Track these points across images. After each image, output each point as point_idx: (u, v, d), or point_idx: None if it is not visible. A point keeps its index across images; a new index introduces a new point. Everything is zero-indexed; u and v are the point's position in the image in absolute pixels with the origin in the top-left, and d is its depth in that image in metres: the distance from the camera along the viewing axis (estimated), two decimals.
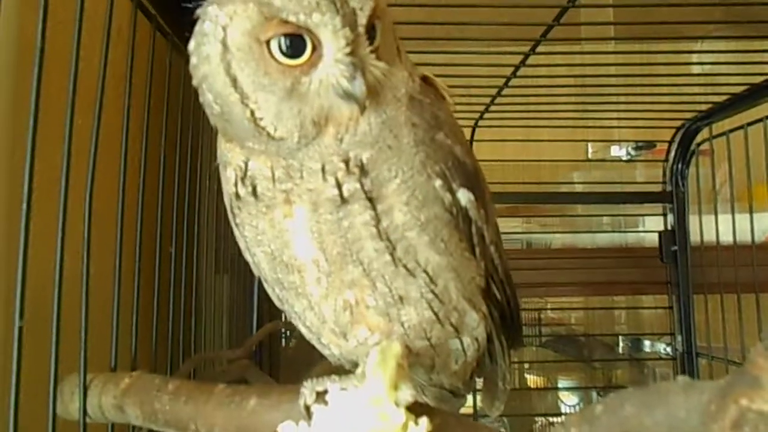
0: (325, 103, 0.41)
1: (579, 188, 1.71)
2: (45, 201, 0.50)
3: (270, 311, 1.22)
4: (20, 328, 0.47)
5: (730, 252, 1.26)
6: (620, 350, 1.66)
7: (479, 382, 0.61)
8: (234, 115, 0.41)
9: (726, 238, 1.31)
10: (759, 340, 0.32)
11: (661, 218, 1.47)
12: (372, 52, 0.41)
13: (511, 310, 0.51)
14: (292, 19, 0.38)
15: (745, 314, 1.26)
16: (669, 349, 1.47)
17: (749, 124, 1.20)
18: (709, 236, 1.33)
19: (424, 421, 0.39)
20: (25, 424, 0.50)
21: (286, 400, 0.47)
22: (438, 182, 0.43)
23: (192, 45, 0.42)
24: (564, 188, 1.74)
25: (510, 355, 0.55)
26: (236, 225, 0.46)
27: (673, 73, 1.19)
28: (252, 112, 0.41)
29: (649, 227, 1.55)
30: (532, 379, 1.87)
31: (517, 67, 1.11)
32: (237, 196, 0.44)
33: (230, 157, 0.44)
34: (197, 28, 0.42)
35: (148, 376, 0.55)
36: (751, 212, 1.27)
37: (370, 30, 0.41)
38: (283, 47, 0.40)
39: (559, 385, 1.79)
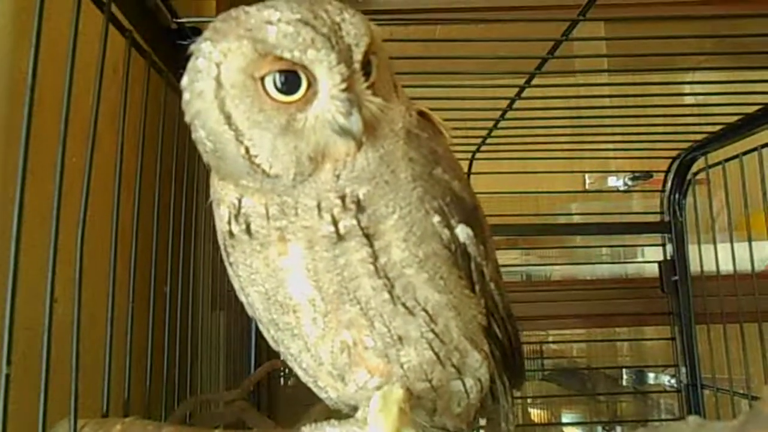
0: (321, 139, 0.40)
1: (577, 219, 1.70)
2: (35, 239, 0.49)
3: (268, 349, 1.19)
4: (7, 376, 0.45)
5: (731, 281, 1.25)
6: (624, 383, 1.63)
7: (482, 422, 0.59)
8: (228, 152, 0.40)
9: (726, 267, 1.31)
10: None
11: (660, 248, 1.46)
12: (368, 87, 0.40)
13: (513, 348, 0.50)
14: (287, 55, 0.38)
15: (748, 344, 1.25)
16: (673, 381, 1.45)
17: (744, 153, 1.20)
18: (709, 266, 1.33)
19: None
20: None
21: None
22: (436, 218, 0.43)
23: (185, 81, 0.42)
24: (562, 219, 1.73)
25: (512, 394, 0.53)
26: (230, 264, 0.45)
27: (667, 103, 1.20)
28: (247, 149, 0.40)
29: (649, 257, 1.54)
30: (536, 413, 1.84)
31: (512, 100, 1.11)
32: (230, 234, 0.43)
33: (223, 194, 0.44)
34: (190, 64, 0.41)
35: (140, 423, 0.54)
36: (749, 240, 1.26)
37: (366, 65, 0.40)
38: (278, 84, 0.39)
39: (563, 420, 1.76)
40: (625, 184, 1.65)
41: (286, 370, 1.15)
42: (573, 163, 1.52)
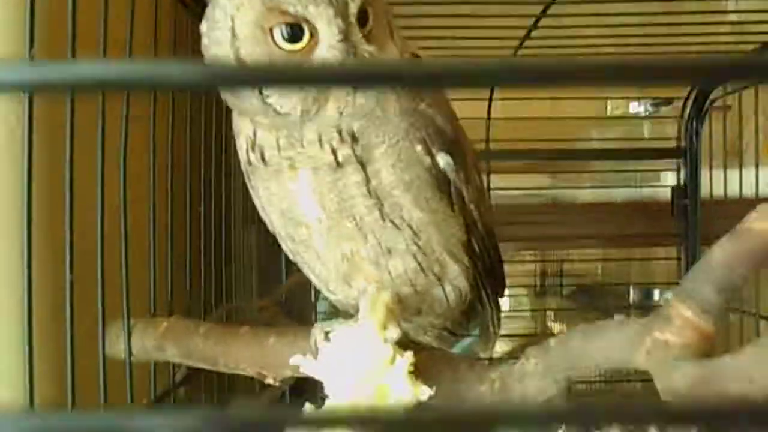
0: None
1: (598, 145, 1.74)
2: (85, 165, 0.57)
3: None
4: (71, 282, 0.55)
5: (739, 205, 1.29)
6: (631, 300, 1.72)
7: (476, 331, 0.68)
8: (243, 93, 0.48)
9: (736, 193, 1.34)
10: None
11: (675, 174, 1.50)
12: (364, 36, 0.47)
13: (492, 262, 0.58)
14: (291, 9, 0.45)
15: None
16: None
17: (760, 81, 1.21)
18: (720, 192, 1.37)
19: (408, 354, 0.46)
20: (82, 365, 0.58)
21: (300, 339, 0.55)
22: (419, 147, 0.50)
23: (204, 28, 0.49)
24: (584, 145, 1.77)
25: (498, 303, 0.62)
26: (252, 187, 0.54)
27: (686, 32, 1.20)
28: (260, 91, 0.47)
29: (664, 183, 1.59)
30: (557, 327, 1.95)
31: (535, 22, 1.10)
32: (249, 162, 0.52)
33: (242, 127, 0.52)
34: (208, 12, 0.48)
35: (182, 321, 0.64)
36: (756, 166, 1.30)
37: (362, 17, 0.47)
38: (285, 34, 0.46)
39: None
40: (647, 110, 1.67)
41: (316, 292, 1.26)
42: (595, 90, 1.54)
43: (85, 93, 0.53)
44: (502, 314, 0.63)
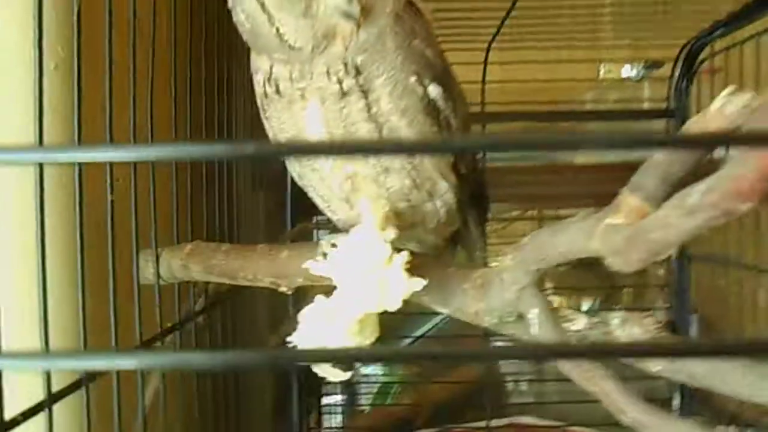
0: (330, 20, 0.54)
1: (591, 107, 1.80)
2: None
3: (300, 218, 1.39)
4: (112, 201, 0.63)
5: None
6: None
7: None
8: (262, 30, 0.55)
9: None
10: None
11: None
12: None
13: (476, 182, 0.66)
14: None
15: (737, 220, 1.38)
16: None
17: (743, 41, 1.27)
18: None
19: (404, 253, 0.54)
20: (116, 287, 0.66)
21: (309, 251, 0.62)
22: (413, 78, 0.57)
23: None
24: (577, 107, 1.83)
25: (483, 225, 0.70)
26: (266, 118, 0.61)
27: None
28: (277, 29, 0.55)
29: None
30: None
31: None
32: (265, 94, 0.59)
33: (259, 63, 0.59)
34: None
35: (204, 244, 0.72)
36: None
37: None
38: None
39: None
40: (638, 73, 1.74)
41: (315, 231, 1.34)
42: (588, 53, 1.60)
43: None
44: None
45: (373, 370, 1.92)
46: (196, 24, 0.86)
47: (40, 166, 0.49)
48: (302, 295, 0.76)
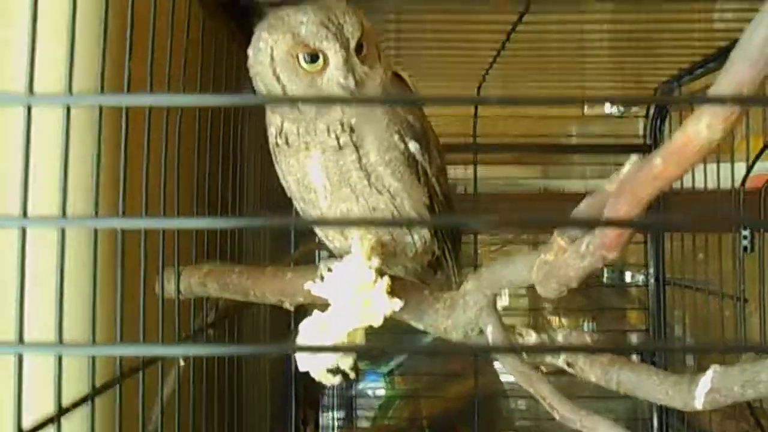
0: (331, 91, 0.68)
1: (576, 141, 1.94)
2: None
3: (305, 242, 1.51)
4: (145, 235, 0.75)
5: (697, 196, 1.47)
6: (605, 279, 1.93)
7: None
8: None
9: (699, 185, 1.52)
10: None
11: None
12: (359, 60, 0.68)
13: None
14: (311, 43, 0.67)
15: (710, 250, 1.50)
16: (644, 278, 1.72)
17: (708, 87, 1.39)
18: (677, 184, 1.55)
19: (386, 278, 0.66)
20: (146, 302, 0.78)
21: (309, 274, 0.75)
22: (396, 137, 0.71)
23: (250, 52, 0.70)
24: (564, 140, 1.97)
25: (457, 257, 0.83)
26: (277, 163, 0.74)
27: (653, 37, 1.37)
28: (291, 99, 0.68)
29: None
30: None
31: (512, 28, 1.22)
32: (277, 144, 0.72)
33: (272, 120, 0.73)
34: (254, 41, 0.69)
35: (220, 264, 0.85)
36: (717, 162, 1.49)
37: (359, 47, 0.68)
38: (306, 59, 0.68)
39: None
40: (619, 110, 1.87)
41: (319, 252, 1.46)
42: (573, 91, 1.73)
43: None
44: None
45: (373, 383, 2.04)
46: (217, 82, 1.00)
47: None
48: (302, 312, 0.89)
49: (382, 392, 2.03)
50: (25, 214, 0.43)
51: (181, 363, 0.90)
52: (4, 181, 0.76)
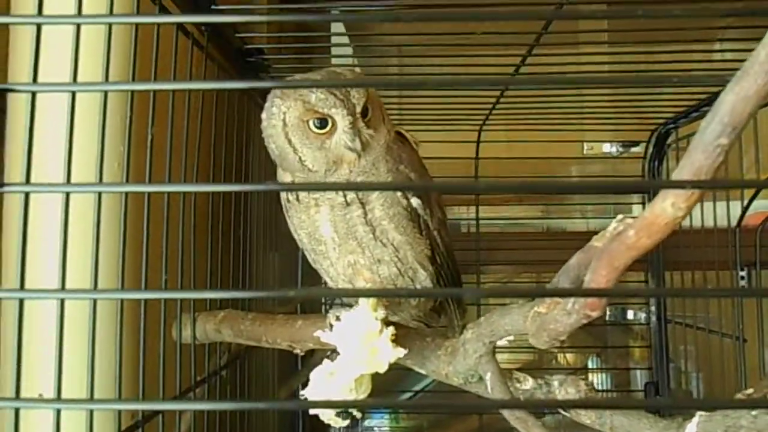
0: (339, 152, 0.73)
1: (576, 181, 1.99)
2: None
3: (311, 281, 1.56)
4: (165, 281, 0.80)
5: (695, 235, 1.51)
6: (607, 317, 1.96)
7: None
8: (288, 158, 0.74)
9: (697, 223, 1.56)
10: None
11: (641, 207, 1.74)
12: (365, 123, 0.73)
13: (451, 271, 0.83)
14: (320, 110, 0.72)
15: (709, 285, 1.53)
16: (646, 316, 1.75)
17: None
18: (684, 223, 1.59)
19: (391, 328, 0.71)
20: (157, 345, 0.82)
21: (319, 321, 0.80)
22: (399, 193, 0.76)
23: (264, 116, 0.75)
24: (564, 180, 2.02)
25: (459, 303, 0.87)
26: (288, 217, 0.79)
27: (651, 80, 1.41)
28: (300, 158, 0.74)
29: (636, 215, 1.82)
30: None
31: (515, 70, 1.21)
32: (288, 200, 0.77)
33: (283, 177, 0.78)
34: (267, 107, 0.75)
35: (234, 311, 0.89)
36: (714, 201, 1.53)
37: (364, 111, 0.73)
38: (316, 124, 0.73)
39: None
40: (618, 150, 1.92)
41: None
42: (573, 133, 1.79)
43: None
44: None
45: (378, 420, 2.06)
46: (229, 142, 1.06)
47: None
48: (309, 356, 0.92)
49: (387, 429, 2.05)
50: (63, 286, 0.47)
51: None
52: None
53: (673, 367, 1.75)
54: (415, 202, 0.76)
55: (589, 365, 2.15)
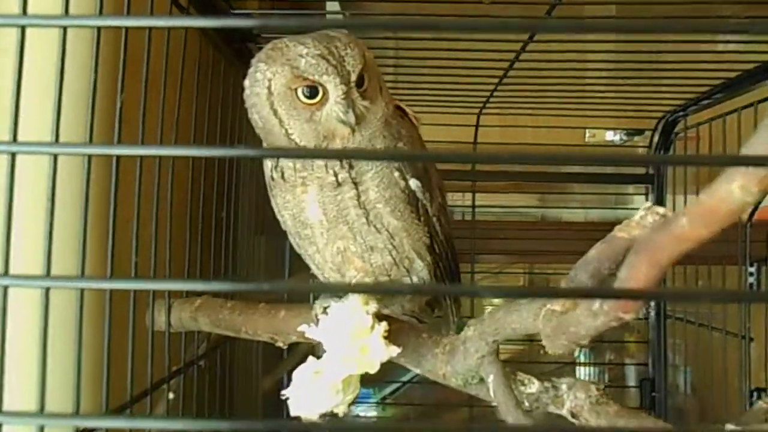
0: (330, 125, 0.65)
1: (577, 169, 1.92)
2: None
3: (299, 266, 1.48)
4: (136, 263, 0.72)
5: None
6: None
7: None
8: (274, 131, 0.66)
9: None
10: None
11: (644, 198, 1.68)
12: (360, 94, 0.65)
13: (449, 261, 0.76)
14: (310, 77, 0.64)
15: (713, 282, 1.47)
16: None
17: (717, 117, 1.37)
18: None
19: (383, 324, 0.63)
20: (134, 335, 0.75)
21: (304, 312, 0.72)
22: (396, 173, 0.68)
23: (247, 84, 0.67)
24: (564, 169, 1.95)
25: (454, 297, 0.80)
26: (272, 196, 0.71)
27: (658, 68, 1.35)
28: (286, 130, 0.66)
29: (635, 205, 1.76)
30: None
31: (515, 57, 1.21)
32: (272, 178, 0.69)
33: None
34: (251, 73, 0.66)
35: (212, 299, 0.82)
36: None
37: (360, 80, 0.65)
38: (305, 93, 0.65)
39: None
40: (621, 139, 1.85)
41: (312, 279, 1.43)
42: (574, 119, 1.72)
43: None
44: None
45: (365, 407, 2.00)
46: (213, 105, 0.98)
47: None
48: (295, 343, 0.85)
49: (373, 419, 1.99)
50: (6, 272, 0.40)
51: (170, 396, 0.87)
52: None
53: (668, 364, 1.70)
54: (413, 183, 0.69)
55: (581, 359, 2.09)
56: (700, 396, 1.83)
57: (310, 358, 0.64)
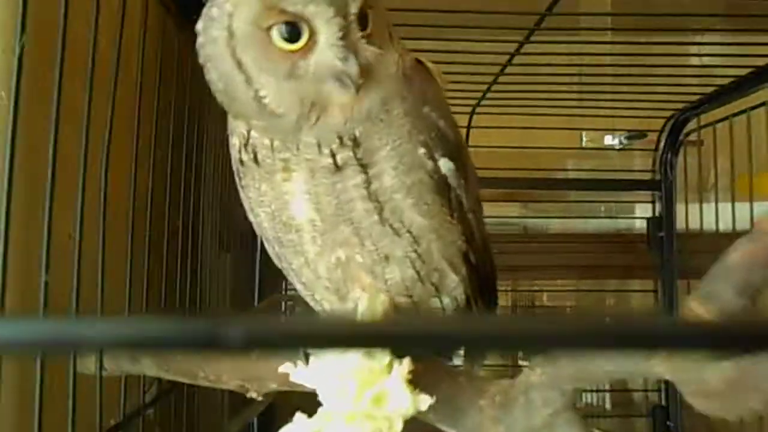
0: (322, 87, 0.45)
1: (573, 175, 1.76)
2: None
3: (272, 288, 1.28)
4: (46, 282, 0.52)
5: (716, 238, 1.29)
6: None
7: None
8: (239, 93, 0.46)
9: (711, 226, 1.34)
10: None
11: (650, 206, 1.52)
12: (364, 37, 0.46)
13: (488, 274, 0.56)
14: (290, 8, 0.44)
15: None
16: None
17: (734, 115, 1.23)
18: (695, 224, 1.38)
19: (405, 361, 0.44)
20: (49, 382, 0.54)
21: None
22: (422, 150, 0.48)
23: (200, 26, 0.47)
24: (559, 175, 1.79)
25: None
26: (242, 187, 0.52)
27: (666, 64, 1.23)
28: (256, 91, 0.46)
29: (639, 214, 1.60)
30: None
31: (511, 56, 1.14)
32: (241, 162, 0.49)
33: (234, 125, 0.50)
34: (205, 11, 0.47)
35: None
36: (732, 201, 1.31)
37: (362, 18, 0.45)
38: (283, 33, 0.44)
39: None
40: (621, 143, 1.70)
41: (286, 304, 1.23)
42: (571, 121, 1.56)
43: None
44: None
45: None
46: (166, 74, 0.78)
47: None
48: None
49: None
50: None
51: None
52: None
53: None
54: (445, 166, 0.49)
55: None
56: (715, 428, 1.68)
57: (298, 414, 0.44)
